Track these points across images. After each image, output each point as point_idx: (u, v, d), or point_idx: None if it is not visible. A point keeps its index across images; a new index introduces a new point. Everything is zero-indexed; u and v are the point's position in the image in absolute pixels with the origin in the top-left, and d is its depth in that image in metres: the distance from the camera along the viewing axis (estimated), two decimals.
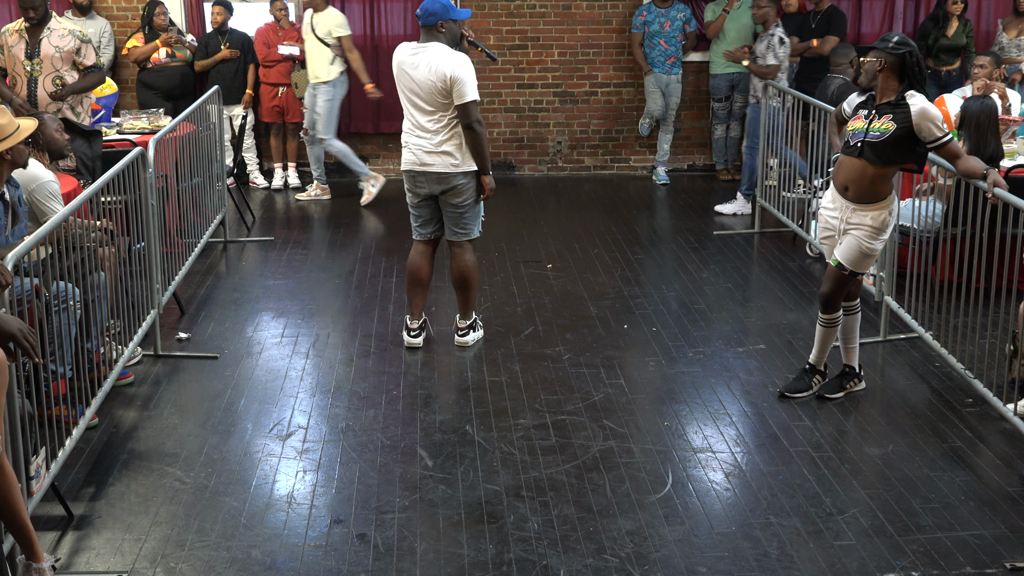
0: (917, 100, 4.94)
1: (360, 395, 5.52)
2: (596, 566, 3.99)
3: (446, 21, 5.76)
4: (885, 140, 4.93)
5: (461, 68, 5.68)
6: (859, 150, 5.00)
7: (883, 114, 4.96)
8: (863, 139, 4.98)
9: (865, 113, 5.05)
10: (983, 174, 4.99)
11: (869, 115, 5.02)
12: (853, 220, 5.06)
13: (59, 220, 4.53)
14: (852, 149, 5.04)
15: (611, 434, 5.05)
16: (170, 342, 6.17)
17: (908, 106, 4.93)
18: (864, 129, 5.00)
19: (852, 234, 5.07)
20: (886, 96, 5.01)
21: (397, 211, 9.40)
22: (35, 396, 4.17)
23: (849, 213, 5.08)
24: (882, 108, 4.99)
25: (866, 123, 5.00)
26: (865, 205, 5.04)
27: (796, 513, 4.36)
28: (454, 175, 5.81)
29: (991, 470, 4.72)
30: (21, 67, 7.19)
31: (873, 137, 4.96)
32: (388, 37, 10.41)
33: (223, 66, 9.82)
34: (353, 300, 6.97)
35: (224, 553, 4.03)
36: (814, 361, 5.43)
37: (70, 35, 7.24)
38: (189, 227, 7.23)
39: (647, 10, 10.11)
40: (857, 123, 5.06)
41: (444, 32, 5.78)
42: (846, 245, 5.09)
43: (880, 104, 5.01)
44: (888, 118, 4.94)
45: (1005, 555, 4.05)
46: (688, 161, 11.01)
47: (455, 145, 5.79)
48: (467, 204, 5.90)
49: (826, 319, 5.28)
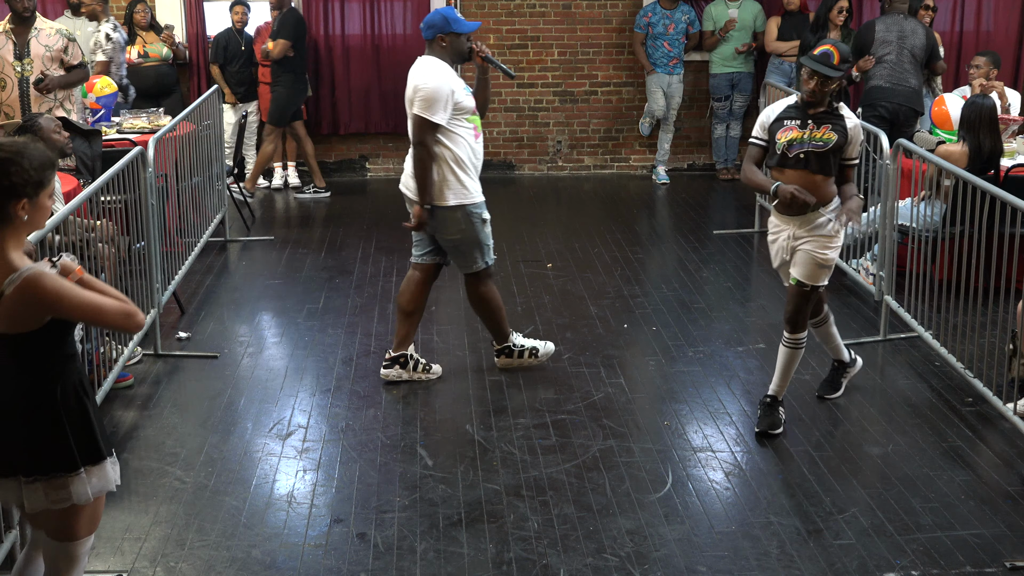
0: (852, 116, 4.88)
1: (360, 394, 5.52)
2: (596, 565, 3.99)
3: (447, 34, 5.28)
4: (829, 150, 4.80)
5: (429, 82, 5.18)
6: (803, 161, 4.82)
7: (822, 124, 4.82)
8: (806, 149, 4.81)
9: (798, 123, 4.85)
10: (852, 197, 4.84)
11: (805, 124, 4.83)
12: (802, 233, 4.89)
13: (59, 219, 4.53)
14: (794, 160, 4.83)
15: (611, 433, 5.05)
16: (170, 341, 6.17)
17: (844, 118, 4.84)
18: (805, 140, 4.81)
19: (804, 249, 4.89)
20: (819, 108, 4.85)
21: (397, 211, 9.40)
22: None
23: (796, 228, 4.90)
24: (819, 118, 4.83)
25: (804, 133, 4.82)
26: (814, 213, 4.86)
27: (796, 512, 4.36)
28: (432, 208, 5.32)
29: (991, 469, 4.72)
30: (11, 68, 7.13)
31: (816, 146, 4.80)
32: (388, 37, 10.41)
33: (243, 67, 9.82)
34: (353, 300, 6.97)
35: (224, 552, 4.03)
36: (775, 392, 5.08)
37: (57, 34, 7.20)
38: (189, 227, 7.23)
39: (652, 11, 10.10)
40: (792, 134, 4.84)
41: (446, 46, 5.31)
42: (801, 261, 4.91)
43: (816, 114, 4.84)
44: (827, 128, 4.81)
45: (1005, 554, 4.05)
46: (688, 161, 11.01)
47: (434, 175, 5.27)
48: (455, 238, 5.39)
49: (792, 340, 5.01)
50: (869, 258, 6.66)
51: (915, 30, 8.33)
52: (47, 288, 2.92)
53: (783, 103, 4.98)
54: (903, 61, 8.29)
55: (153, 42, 9.43)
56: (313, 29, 10.23)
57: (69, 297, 2.95)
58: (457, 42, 5.34)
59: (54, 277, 2.95)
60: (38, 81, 7.03)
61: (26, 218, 2.98)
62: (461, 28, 5.33)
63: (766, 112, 5.03)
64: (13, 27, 7.16)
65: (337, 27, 10.33)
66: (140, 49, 9.36)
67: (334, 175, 10.73)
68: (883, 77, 8.28)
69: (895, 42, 8.30)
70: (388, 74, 10.39)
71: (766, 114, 5.01)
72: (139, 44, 9.36)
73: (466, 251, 5.46)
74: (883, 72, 8.29)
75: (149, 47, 9.40)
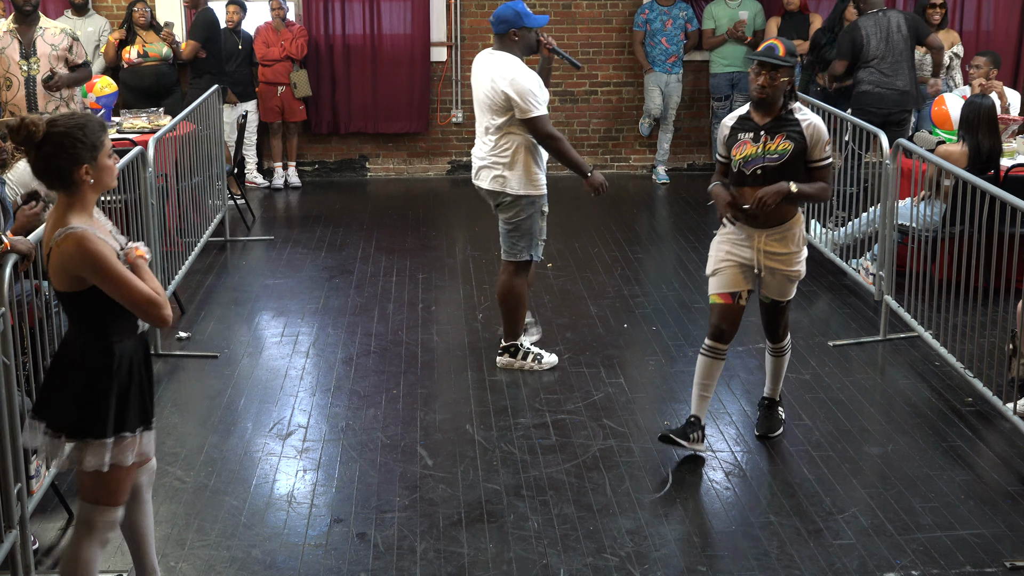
0: (808, 115, 4.58)
1: (360, 394, 5.52)
2: (596, 565, 3.99)
3: (519, 29, 5.46)
4: (785, 161, 4.52)
5: (522, 82, 5.36)
6: (761, 177, 4.54)
7: (775, 134, 4.53)
8: (762, 165, 4.54)
9: (751, 137, 4.57)
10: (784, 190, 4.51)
11: (758, 138, 4.55)
12: (770, 249, 4.65)
13: None
14: (751, 177, 4.57)
15: (611, 433, 5.05)
16: (170, 341, 6.17)
17: (799, 122, 4.55)
18: (759, 154, 4.54)
19: (773, 270, 4.67)
20: (773, 113, 4.56)
21: (397, 211, 9.40)
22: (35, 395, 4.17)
23: (763, 240, 4.65)
24: (771, 127, 4.55)
25: (757, 147, 4.54)
26: (777, 228, 4.63)
27: (796, 512, 4.36)
28: (500, 193, 5.55)
29: (991, 469, 4.72)
30: (16, 68, 7.13)
31: (772, 160, 4.53)
32: (388, 37, 10.41)
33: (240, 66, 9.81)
34: (353, 300, 6.97)
35: (224, 552, 4.03)
36: (771, 394, 5.07)
37: (62, 33, 7.22)
38: (189, 227, 7.23)
39: (649, 8, 10.10)
40: (747, 149, 4.56)
41: (518, 40, 5.48)
42: (774, 283, 4.72)
43: (767, 123, 4.56)
44: (782, 137, 4.52)
45: (1005, 554, 4.05)
46: (688, 160, 11.01)
47: (504, 163, 5.49)
48: (515, 222, 5.58)
49: (778, 348, 4.96)
50: (869, 258, 6.66)
51: (899, 24, 8.31)
52: (87, 248, 3.07)
53: (735, 114, 4.70)
54: (893, 61, 8.28)
55: (153, 42, 9.38)
56: (313, 29, 10.23)
57: (104, 264, 3.08)
58: (528, 36, 5.54)
59: (97, 241, 3.09)
60: (48, 79, 7.04)
61: (92, 181, 3.17)
62: (533, 23, 5.52)
63: (721, 128, 4.74)
64: (17, 26, 7.17)
65: (337, 27, 10.33)
66: (140, 49, 9.32)
67: (334, 175, 10.73)
68: (872, 82, 8.28)
69: (884, 46, 8.30)
70: (388, 74, 10.40)
71: (722, 131, 4.72)
72: (139, 44, 9.32)
73: (517, 238, 5.63)
74: (873, 77, 8.29)
75: (149, 47, 9.35)
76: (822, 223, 7.44)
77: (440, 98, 10.65)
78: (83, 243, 3.08)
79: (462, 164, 10.80)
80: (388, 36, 10.41)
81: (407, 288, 7.16)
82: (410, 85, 10.43)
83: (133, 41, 9.36)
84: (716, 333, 4.71)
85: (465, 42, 10.57)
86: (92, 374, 3.20)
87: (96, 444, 3.21)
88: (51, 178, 3.18)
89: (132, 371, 3.27)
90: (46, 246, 3.18)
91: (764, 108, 4.57)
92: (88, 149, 3.15)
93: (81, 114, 3.26)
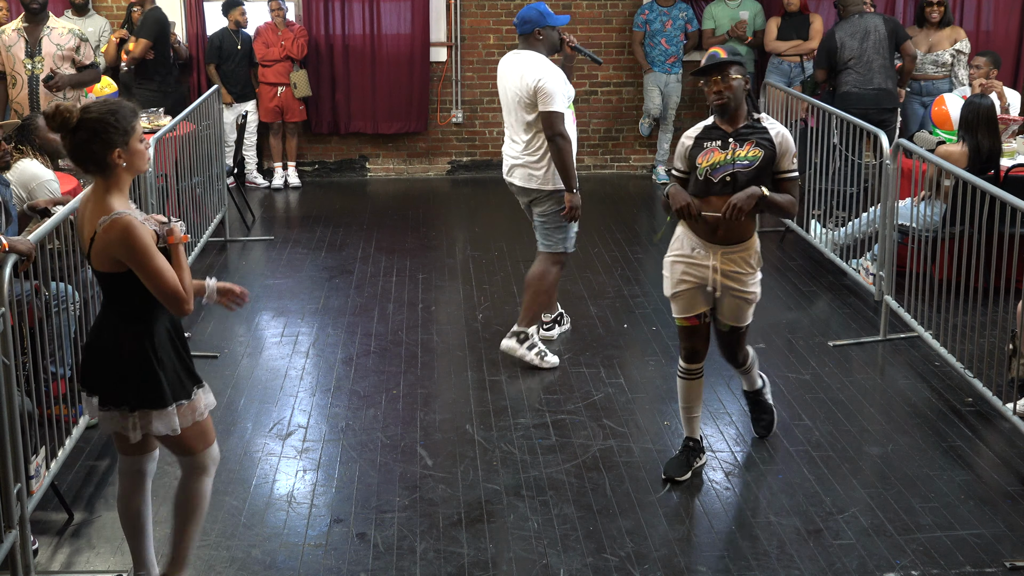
0: (776, 125, 4.43)
1: (360, 394, 5.52)
2: (596, 565, 3.99)
3: (543, 28, 5.67)
4: (756, 168, 4.32)
5: (547, 78, 5.52)
6: (730, 184, 4.31)
7: (744, 140, 4.34)
8: (732, 171, 4.33)
9: (719, 144, 4.36)
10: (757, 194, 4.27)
11: (726, 145, 4.35)
12: (726, 267, 4.42)
13: (59, 219, 4.53)
14: (719, 185, 4.33)
15: (611, 433, 5.05)
16: None
17: (767, 130, 4.37)
18: (728, 160, 4.33)
19: (729, 291, 4.46)
20: (739, 120, 4.39)
21: (397, 211, 9.40)
22: (35, 395, 4.18)
23: (720, 259, 4.42)
24: (740, 134, 4.36)
25: (726, 153, 4.34)
26: (737, 245, 4.42)
27: (796, 512, 4.36)
28: (534, 189, 5.71)
29: (991, 469, 4.72)
30: (21, 66, 7.15)
31: (742, 167, 4.32)
32: (388, 37, 10.41)
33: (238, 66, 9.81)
34: (353, 300, 6.97)
35: (224, 552, 4.03)
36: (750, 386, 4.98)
37: (70, 33, 7.22)
38: (189, 227, 7.23)
39: (649, 8, 10.10)
40: (714, 156, 4.35)
41: (542, 40, 5.68)
42: (732, 309, 4.53)
43: (736, 130, 4.38)
44: (751, 144, 4.34)
45: (1005, 554, 4.05)
46: None
47: (537, 159, 5.65)
48: (549, 215, 5.72)
49: (742, 370, 4.86)
50: (869, 258, 6.66)
51: (875, 26, 8.36)
52: (127, 234, 3.23)
53: (700, 125, 4.49)
54: (869, 62, 8.34)
55: None
56: (313, 29, 10.24)
57: (141, 251, 3.24)
58: (552, 35, 5.73)
59: (138, 227, 3.25)
60: (48, 79, 7.04)
61: (124, 164, 3.32)
62: (556, 22, 5.73)
63: (683, 140, 4.50)
64: (26, 25, 7.18)
65: (337, 27, 10.33)
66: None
67: (334, 175, 10.73)
68: (851, 83, 8.42)
69: (858, 46, 8.35)
70: (388, 74, 10.40)
71: (683, 142, 4.49)
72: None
73: (551, 231, 5.76)
74: (851, 78, 8.40)
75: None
76: (822, 223, 7.44)
77: (440, 98, 10.65)
78: (129, 230, 3.23)
79: (462, 164, 10.80)
80: (388, 36, 10.41)
81: (407, 288, 7.16)
82: (410, 85, 10.43)
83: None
84: (689, 355, 4.61)
85: (465, 42, 10.57)
86: (135, 351, 3.37)
87: (159, 413, 3.41)
88: (86, 162, 3.32)
89: (172, 342, 3.46)
90: (89, 230, 3.30)
91: (729, 115, 4.38)
92: (120, 134, 3.29)
93: (114, 101, 3.39)
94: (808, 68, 9.69)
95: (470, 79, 10.63)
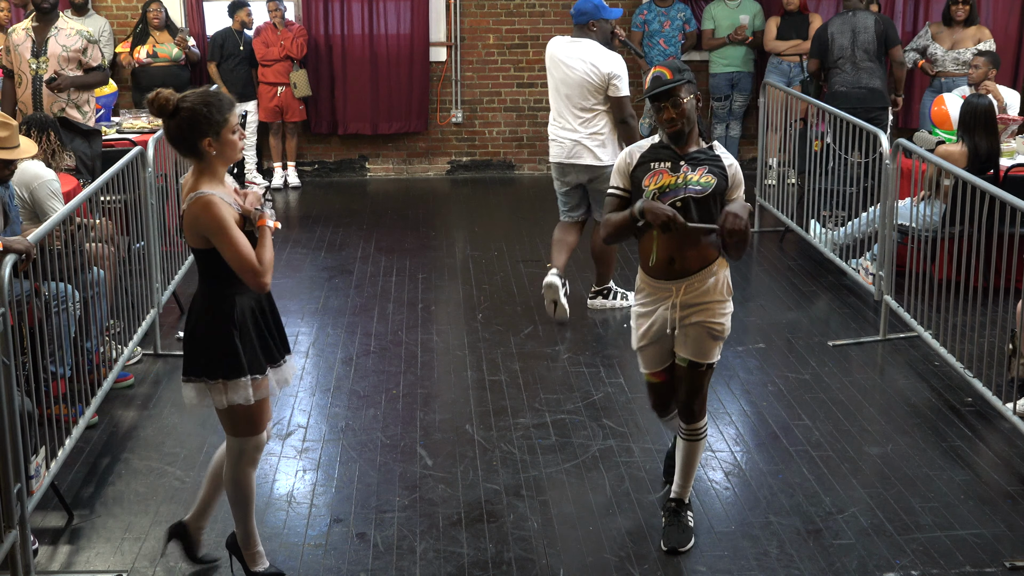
0: (729, 156, 4.05)
1: (360, 394, 5.52)
2: (596, 565, 3.99)
3: (598, 20, 6.17)
4: (709, 194, 3.94)
5: (618, 66, 6.14)
6: (681, 209, 3.91)
7: (696, 165, 3.97)
8: (683, 196, 3.93)
9: (668, 166, 3.98)
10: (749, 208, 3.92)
11: (677, 167, 3.97)
12: (689, 299, 4.00)
13: (59, 219, 4.53)
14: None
15: (611, 433, 5.05)
16: (170, 341, 6.17)
17: (720, 159, 4.01)
18: (680, 184, 3.94)
19: (694, 323, 4.01)
20: (691, 143, 4.02)
21: (397, 211, 9.40)
22: (35, 395, 4.18)
23: (678, 296, 4.00)
24: (692, 158, 3.99)
25: (677, 176, 3.95)
26: (699, 273, 3.99)
27: (795, 512, 4.36)
28: (598, 167, 6.27)
29: (990, 469, 4.72)
30: (27, 65, 7.15)
31: (695, 192, 3.93)
32: (388, 37, 10.41)
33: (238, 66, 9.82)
34: (353, 300, 6.97)
35: (224, 552, 4.03)
36: (681, 494, 4.23)
37: (77, 35, 7.21)
38: None
39: (647, 9, 10.10)
40: (664, 179, 3.96)
41: (596, 31, 6.19)
42: (692, 338, 4.03)
43: (689, 153, 4.00)
44: (704, 170, 3.96)
45: (1004, 554, 4.05)
46: None
47: (602, 139, 6.26)
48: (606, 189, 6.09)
49: (691, 430, 4.17)
50: (869, 258, 6.66)
51: (866, 26, 8.39)
52: (210, 212, 3.43)
53: (646, 143, 4.11)
54: (858, 61, 8.38)
55: (165, 42, 9.41)
56: (313, 29, 10.24)
57: (217, 226, 3.43)
58: (605, 27, 6.27)
59: (220, 206, 3.44)
60: (50, 80, 7.04)
61: (215, 153, 3.50)
62: (609, 15, 6.26)
63: (625, 156, 4.10)
64: (36, 25, 7.18)
65: (337, 27, 10.33)
66: (149, 48, 9.35)
67: (334, 175, 10.73)
68: (841, 83, 8.48)
69: (848, 45, 8.40)
70: (387, 74, 10.40)
71: (625, 159, 4.09)
72: (149, 43, 9.36)
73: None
74: (841, 78, 8.49)
75: (159, 47, 9.38)
76: (822, 223, 7.44)
77: (440, 98, 10.65)
78: (207, 207, 3.44)
79: (462, 164, 10.80)
80: (388, 36, 10.41)
81: (407, 288, 7.16)
82: (409, 85, 10.44)
83: (145, 41, 9.39)
84: (658, 408, 4.30)
85: (465, 42, 10.57)
86: (215, 322, 3.56)
87: (233, 383, 3.56)
88: (181, 146, 3.53)
89: (254, 319, 3.62)
90: (182, 209, 3.57)
91: (680, 139, 3.99)
92: (212, 124, 3.46)
93: (212, 92, 3.54)
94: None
95: (470, 79, 10.63)
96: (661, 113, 3.94)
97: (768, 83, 8.75)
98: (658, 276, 4.02)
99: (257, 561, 3.84)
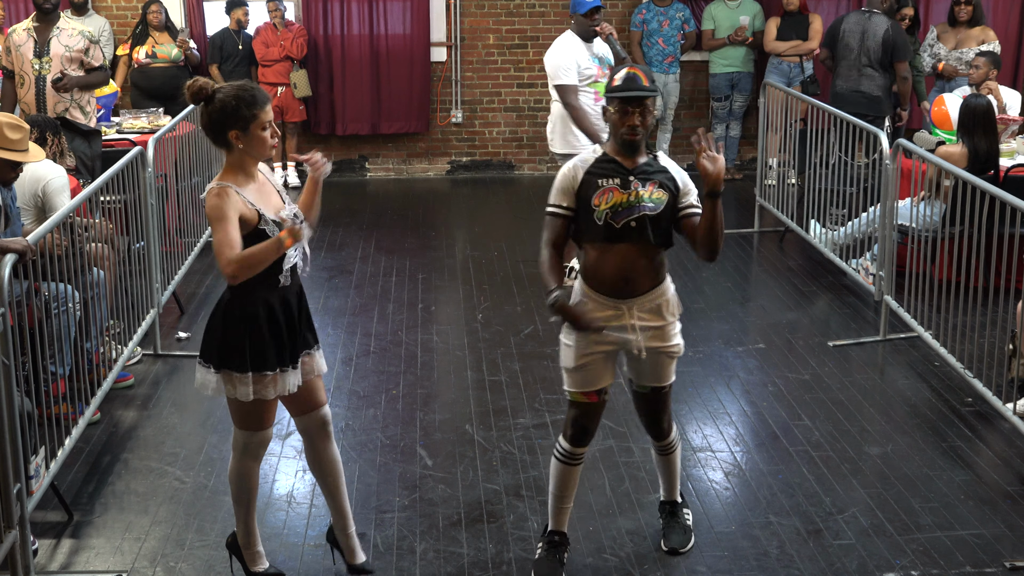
0: (672, 164, 3.85)
1: (360, 394, 5.52)
2: (596, 565, 3.99)
3: (573, 14, 6.45)
4: (662, 212, 3.73)
5: (556, 55, 6.36)
6: (637, 229, 3.70)
7: (647, 180, 3.73)
8: (639, 215, 3.70)
9: (618, 183, 3.72)
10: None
11: (627, 184, 3.72)
12: (643, 323, 3.79)
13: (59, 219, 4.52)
14: (623, 230, 3.71)
15: (610, 433, 5.05)
16: (170, 341, 6.17)
17: (667, 170, 3.79)
18: (632, 202, 3.70)
19: (650, 348, 3.81)
20: (639, 156, 3.77)
21: (397, 211, 9.40)
22: (35, 395, 4.17)
23: (633, 312, 3.78)
24: (642, 172, 3.75)
25: (628, 194, 3.71)
26: (648, 295, 3.79)
27: (796, 512, 4.36)
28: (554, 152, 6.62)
29: (990, 469, 4.72)
30: (29, 66, 7.14)
31: (650, 209, 3.70)
32: (388, 37, 10.41)
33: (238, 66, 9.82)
34: (353, 300, 6.97)
35: (224, 552, 4.03)
36: (672, 495, 4.21)
37: (80, 35, 7.20)
38: (189, 226, 7.23)
39: (646, 8, 10.11)
40: (615, 197, 3.70)
41: (574, 24, 6.46)
42: (651, 366, 3.86)
43: (637, 167, 3.75)
44: (655, 185, 3.73)
45: (1004, 554, 4.05)
46: (687, 161, 11.00)
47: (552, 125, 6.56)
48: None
49: (665, 445, 4.09)
50: (869, 258, 6.66)
51: (876, 31, 8.31)
52: (211, 202, 3.48)
53: (589, 157, 3.83)
54: (860, 65, 8.34)
55: (164, 43, 9.38)
56: (313, 29, 10.24)
57: (214, 216, 3.46)
58: (582, 20, 6.39)
59: (226, 197, 3.47)
60: (56, 80, 7.04)
61: (241, 146, 3.55)
62: (578, 9, 6.42)
63: (567, 172, 3.81)
64: (37, 25, 7.17)
65: (337, 27, 10.33)
66: (149, 49, 9.33)
67: (333, 175, 10.67)
68: (841, 84, 8.45)
69: (855, 46, 8.35)
70: (388, 74, 10.39)
71: (568, 175, 3.80)
72: (148, 44, 9.34)
73: None
74: (841, 79, 8.46)
75: (159, 48, 9.34)
76: (822, 223, 7.44)
77: (440, 98, 10.65)
78: (210, 198, 3.49)
79: (462, 164, 10.80)
80: (388, 36, 10.41)
81: (407, 288, 7.16)
82: (410, 85, 10.43)
83: (144, 41, 9.37)
84: (579, 435, 3.88)
85: (465, 42, 10.57)
86: (230, 317, 3.58)
87: (238, 377, 3.57)
88: (211, 135, 3.60)
89: (271, 317, 3.59)
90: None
91: (634, 150, 3.75)
92: (240, 119, 3.50)
93: (247, 86, 3.59)
94: (808, 68, 9.70)
95: (470, 79, 10.63)
96: (627, 117, 3.69)
97: (768, 83, 8.75)
98: (608, 294, 3.79)
99: (257, 561, 3.84)
